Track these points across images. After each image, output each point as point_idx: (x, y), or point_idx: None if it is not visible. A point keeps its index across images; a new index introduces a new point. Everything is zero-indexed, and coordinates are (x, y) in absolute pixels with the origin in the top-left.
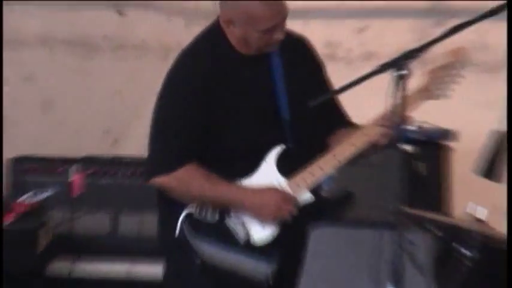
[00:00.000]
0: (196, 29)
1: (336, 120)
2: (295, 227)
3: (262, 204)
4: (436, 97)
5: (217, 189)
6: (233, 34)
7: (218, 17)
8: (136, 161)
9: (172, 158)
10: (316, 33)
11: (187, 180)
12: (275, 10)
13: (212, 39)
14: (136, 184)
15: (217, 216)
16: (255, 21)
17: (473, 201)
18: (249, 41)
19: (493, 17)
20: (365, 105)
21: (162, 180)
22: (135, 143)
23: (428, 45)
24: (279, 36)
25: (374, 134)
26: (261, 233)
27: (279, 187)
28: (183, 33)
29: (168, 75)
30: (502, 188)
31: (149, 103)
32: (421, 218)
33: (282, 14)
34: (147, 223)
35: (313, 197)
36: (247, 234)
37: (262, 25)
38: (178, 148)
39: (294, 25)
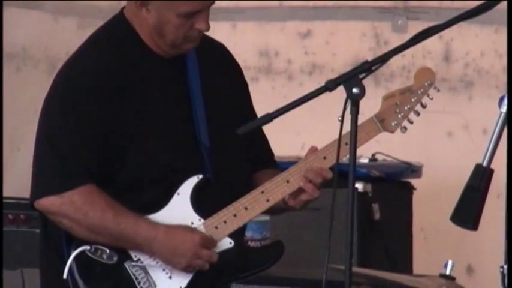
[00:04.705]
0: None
1: (260, 157)
2: (207, 280)
3: (176, 248)
4: (393, 129)
5: (122, 220)
6: (145, 22)
7: (122, 9)
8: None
9: (66, 175)
10: (247, 39)
11: (85, 204)
12: None
13: (116, 33)
14: None
15: (115, 257)
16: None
17: (440, 253)
18: (164, 31)
19: (469, 20)
20: (307, 131)
21: (50, 203)
22: (14, 179)
23: (387, 56)
24: (202, 26)
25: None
26: (166, 284)
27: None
28: (74, 37)
29: (58, 79)
30: (477, 237)
31: (31, 130)
32: (373, 278)
33: None
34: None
35: (233, 244)
36: (150, 284)
37: (185, 6)
38: (73, 164)
39: (218, 28)
